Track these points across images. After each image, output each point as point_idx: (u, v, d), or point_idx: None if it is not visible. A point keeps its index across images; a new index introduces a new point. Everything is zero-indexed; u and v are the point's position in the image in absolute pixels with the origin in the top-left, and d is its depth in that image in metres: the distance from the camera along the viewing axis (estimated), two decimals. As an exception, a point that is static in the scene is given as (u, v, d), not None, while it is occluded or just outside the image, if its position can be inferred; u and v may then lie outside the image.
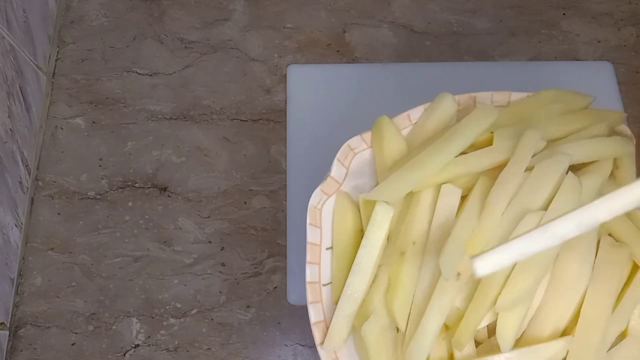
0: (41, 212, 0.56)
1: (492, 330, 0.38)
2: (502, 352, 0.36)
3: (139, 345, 0.52)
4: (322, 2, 0.65)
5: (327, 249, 0.42)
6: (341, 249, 0.41)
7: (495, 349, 0.37)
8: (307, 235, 0.41)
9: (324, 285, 0.41)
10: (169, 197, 0.57)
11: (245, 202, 0.57)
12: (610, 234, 0.40)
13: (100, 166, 0.58)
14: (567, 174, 0.39)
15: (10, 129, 0.53)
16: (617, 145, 0.42)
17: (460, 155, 0.41)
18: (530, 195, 0.38)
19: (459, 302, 0.38)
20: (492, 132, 0.41)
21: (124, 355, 0.52)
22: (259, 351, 0.52)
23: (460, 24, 0.65)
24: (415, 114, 0.44)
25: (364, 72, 0.61)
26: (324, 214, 0.42)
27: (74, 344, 0.52)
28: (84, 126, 0.60)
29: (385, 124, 0.43)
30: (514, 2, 0.66)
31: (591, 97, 0.44)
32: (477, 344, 0.39)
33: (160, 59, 0.62)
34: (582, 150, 0.41)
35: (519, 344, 0.38)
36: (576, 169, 0.41)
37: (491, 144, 0.41)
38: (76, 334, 0.52)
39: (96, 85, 0.61)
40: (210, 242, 0.55)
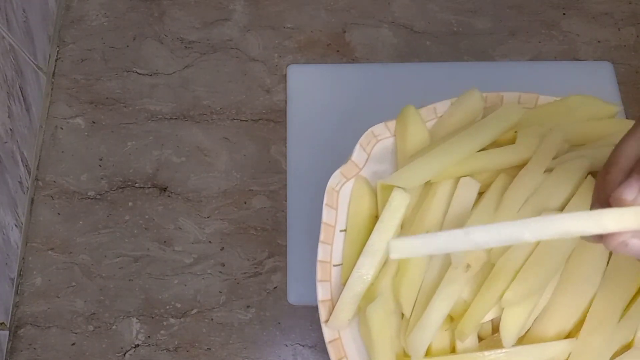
0: (41, 212, 0.56)
1: (496, 327, 0.38)
2: (504, 347, 0.36)
3: (139, 345, 0.52)
4: (322, 2, 0.65)
5: (340, 231, 0.42)
6: (355, 232, 0.41)
7: (498, 345, 0.37)
8: (322, 215, 0.41)
9: (335, 265, 0.41)
10: (169, 197, 0.57)
11: (245, 202, 0.57)
12: None
13: (100, 166, 0.58)
14: (587, 177, 0.39)
15: (10, 129, 0.53)
16: None
17: (482, 150, 0.41)
18: (548, 194, 0.38)
19: (466, 294, 0.38)
20: (515, 132, 0.41)
21: (124, 355, 0.52)
22: (259, 351, 0.52)
23: (460, 24, 0.65)
24: (441, 107, 0.44)
25: (364, 72, 0.61)
26: (341, 196, 0.42)
27: (74, 344, 0.52)
28: (84, 126, 0.60)
29: (411, 113, 0.43)
30: (514, 2, 0.66)
31: (618, 106, 0.44)
32: (480, 339, 0.39)
33: (160, 59, 0.62)
34: (605, 155, 0.40)
35: (522, 341, 0.38)
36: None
37: (514, 144, 0.41)
38: (76, 334, 0.52)
39: (96, 85, 0.61)
40: (210, 242, 0.55)
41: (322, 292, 0.40)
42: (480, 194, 0.40)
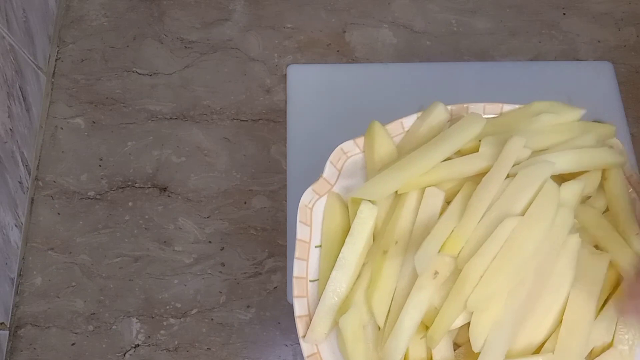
0: (41, 212, 0.56)
1: None
2: (474, 350, 0.37)
3: (139, 345, 0.52)
4: (322, 2, 0.65)
5: (315, 247, 0.43)
6: (329, 247, 0.42)
7: (473, 353, 0.38)
8: (296, 232, 0.42)
9: (311, 281, 0.42)
10: (169, 197, 0.57)
11: (245, 202, 0.57)
12: (596, 246, 0.41)
13: (100, 166, 0.58)
14: (547, 181, 0.40)
15: (10, 129, 0.53)
16: (605, 155, 0.42)
17: (446, 160, 0.42)
18: (511, 199, 0.39)
19: (437, 302, 0.38)
20: (480, 141, 0.42)
21: (124, 355, 0.52)
22: (259, 351, 0.52)
23: (460, 24, 0.65)
24: (407, 121, 0.45)
25: (364, 72, 0.61)
26: (315, 213, 0.43)
27: (74, 344, 0.52)
28: (84, 126, 0.60)
29: (377, 129, 0.44)
30: (514, 2, 0.66)
31: (581, 109, 0.44)
32: (458, 346, 0.40)
33: (160, 59, 0.62)
34: (567, 159, 0.41)
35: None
36: (565, 180, 0.41)
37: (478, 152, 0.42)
38: (76, 334, 0.52)
39: (96, 85, 0.61)
40: (210, 242, 0.55)
41: (299, 308, 0.41)
42: (448, 203, 0.41)
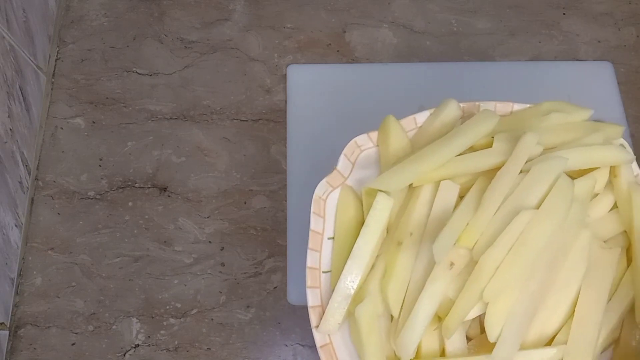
0: (41, 212, 0.56)
1: (484, 326, 0.39)
2: (490, 341, 0.37)
3: (139, 345, 0.52)
4: (322, 2, 0.65)
5: (328, 239, 0.43)
6: (342, 239, 0.43)
7: (486, 345, 0.38)
8: (310, 223, 0.42)
9: (324, 272, 0.42)
10: (169, 197, 0.57)
11: (245, 202, 0.57)
12: (604, 241, 0.42)
13: (100, 166, 0.58)
14: (560, 177, 0.40)
15: (10, 129, 0.53)
16: (614, 153, 0.43)
17: (460, 155, 0.42)
18: (525, 194, 0.39)
19: (452, 293, 0.39)
20: (492, 137, 0.43)
21: (124, 355, 0.52)
22: (259, 351, 0.52)
23: (460, 24, 0.65)
24: (421, 117, 0.46)
25: (364, 72, 0.61)
26: (328, 205, 0.44)
27: (74, 344, 0.52)
28: (84, 126, 0.60)
29: (391, 123, 0.45)
30: (514, 2, 0.66)
31: (590, 110, 0.45)
32: (469, 339, 0.40)
33: (160, 59, 0.62)
34: (578, 155, 0.42)
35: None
36: (574, 177, 0.42)
37: (491, 148, 0.43)
38: (76, 334, 0.52)
39: (96, 85, 0.61)
40: (210, 242, 0.55)
41: (312, 298, 0.41)
42: (462, 198, 0.42)
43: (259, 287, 0.54)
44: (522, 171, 0.40)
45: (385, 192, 0.41)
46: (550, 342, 0.39)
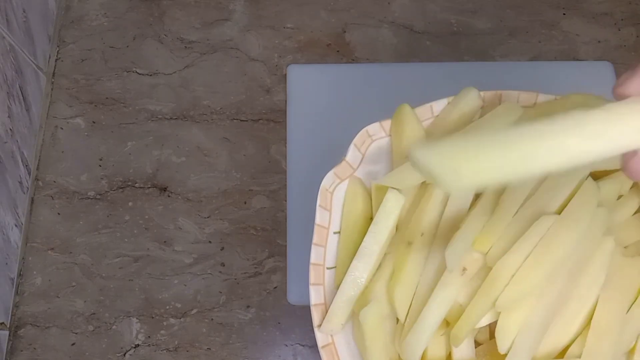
0: (41, 212, 0.56)
1: (494, 332, 0.37)
2: (500, 352, 0.35)
3: (139, 345, 0.52)
4: (322, 2, 0.65)
5: (334, 233, 0.41)
6: (349, 234, 0.41)
7: (494, 352, 0.36)
8: (316, 216, 0.40)
9: (328, 268, 0.40)
10: (169, 197, 0.57)
11: (245, 202, 0.57)
12: (625, 247, 0.39)
13: (100, 166, 0.58)
14: (587, 179, 0.38)
15: (10, 129, 0.53)
16: None
17: None
18: (546, 197, 0.37)
19: (462, 298, 0.37)
20: None
21: (124, 355, 0.52)
22: (259, 351, 0.52)
23: (460, 24, 0.65)
24: (437, 106, 0.43)
25: (364, 72, 0.61)
26: (335, 197, 0.41)
27: (74, 344, 0.52)
28: (84, 126, 0.60)
29: (406, 112, 0.42)
30: (514, 2, 0.66)
31: None
32: (478, 345, 0.39)
33: (160, 59, 0.62)
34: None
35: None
36: (597, 178, 0.39)
37: None
38: (76, 334, 0.52)
39: (96, 85, 0.61)
40: (210, 242, 0.55)
41: (315, 296, 0.39)
42: (477, 196, 0.39)
43: (259, 287, 0.54)
44: None
45: (396, 188, 0.39)
46: (562, 354, 0.37)
